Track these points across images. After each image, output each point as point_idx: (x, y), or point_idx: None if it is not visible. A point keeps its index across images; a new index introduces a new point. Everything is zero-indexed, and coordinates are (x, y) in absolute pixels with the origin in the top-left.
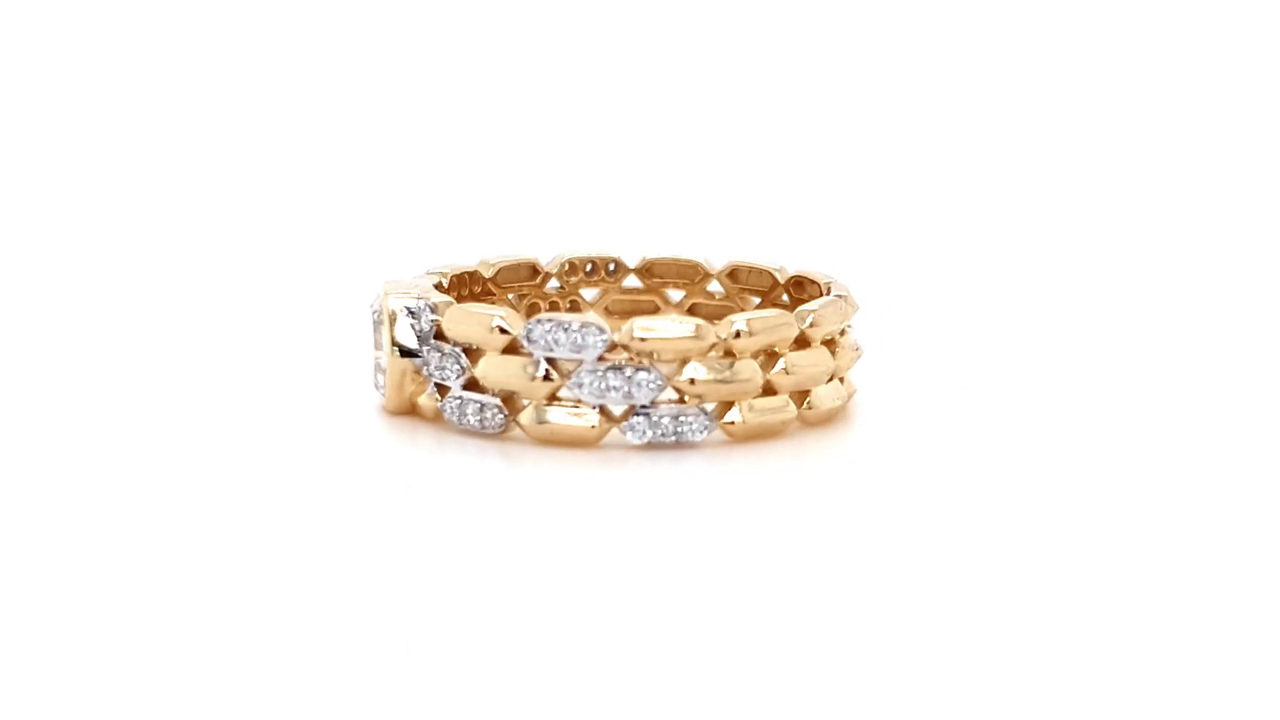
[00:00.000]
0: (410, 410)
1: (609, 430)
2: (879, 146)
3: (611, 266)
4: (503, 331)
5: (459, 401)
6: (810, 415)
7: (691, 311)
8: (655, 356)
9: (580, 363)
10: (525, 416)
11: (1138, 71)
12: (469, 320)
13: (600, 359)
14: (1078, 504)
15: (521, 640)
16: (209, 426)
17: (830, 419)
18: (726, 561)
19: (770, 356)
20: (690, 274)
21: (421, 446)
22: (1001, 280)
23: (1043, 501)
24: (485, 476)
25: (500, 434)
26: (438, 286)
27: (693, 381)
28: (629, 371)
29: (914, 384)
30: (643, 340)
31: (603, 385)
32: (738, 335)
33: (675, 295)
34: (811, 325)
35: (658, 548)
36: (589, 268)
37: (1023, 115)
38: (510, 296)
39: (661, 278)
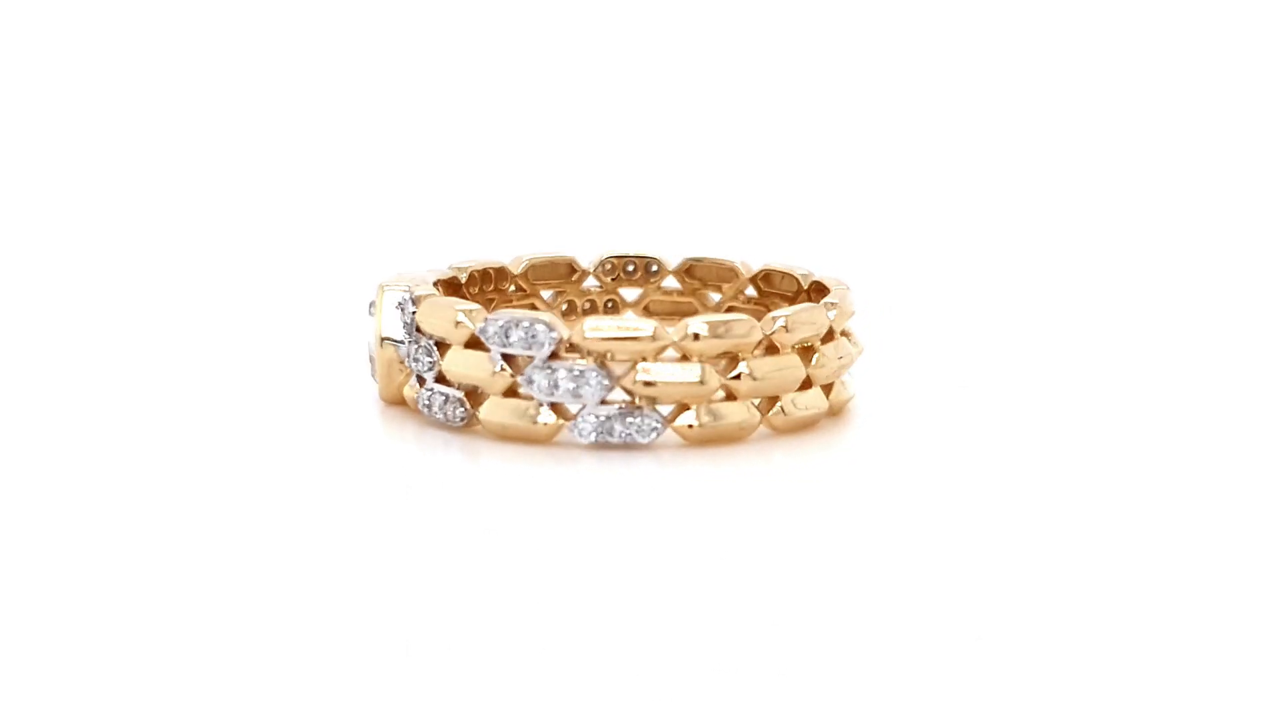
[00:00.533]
0: (401, 400)
1: (562, 428)
2: (887, 150)
3: (654, 267)
4: (464, 326)
5: (429, 393)
6: (779, 422)
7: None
8: (609, 356)
9: (533, 359)
10: (483, 411)
11: (1136, 72)
12: (436, 313)
13: (554, 356)
14: (1075, 505)
15: (482, 639)
16: (231, 402)
17: (804, 427)
18: (638, 563)
19: (734, 361)
20: (729, 276)
21: (403, 438)
22: (1000, 283)
23: (1039, 502)
24: (443, 470)
25: (464, 427)
26: (452, 281)
27: (647, 384)
28: (578, 370)
29: (907, 386)
30: (595, 340)
31: (551, 383)
32: (695, 338)
33: (715, 297)
34: (782, 330)
35: (572, 549)
36: (629, 267)
37: (1021, 118)
38: (545, 294)
39: (701, 280)
